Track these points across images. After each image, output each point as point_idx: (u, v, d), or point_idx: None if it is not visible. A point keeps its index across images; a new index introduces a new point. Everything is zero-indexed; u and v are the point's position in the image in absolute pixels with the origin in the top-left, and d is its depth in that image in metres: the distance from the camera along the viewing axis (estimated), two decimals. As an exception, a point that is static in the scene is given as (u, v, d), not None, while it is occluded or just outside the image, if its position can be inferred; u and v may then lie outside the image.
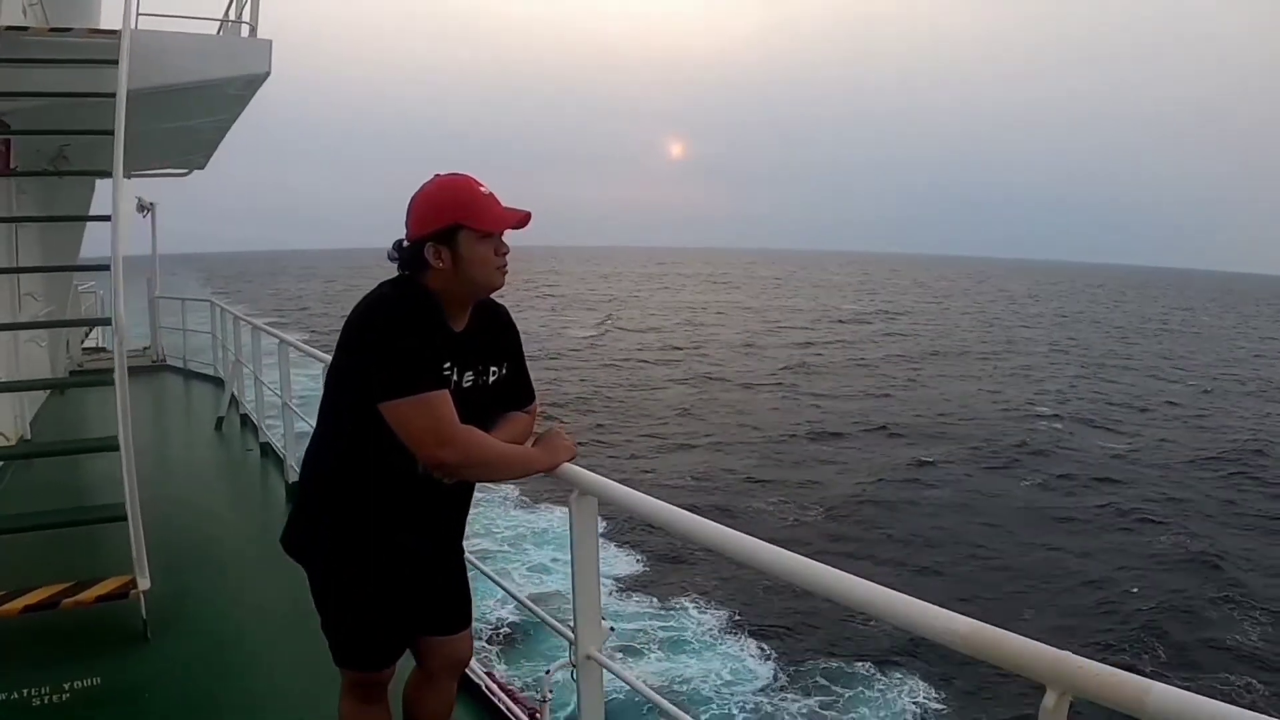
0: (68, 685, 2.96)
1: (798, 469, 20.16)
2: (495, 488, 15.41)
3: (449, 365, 1.78)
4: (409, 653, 2.04)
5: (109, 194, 3.82)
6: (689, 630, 11.68)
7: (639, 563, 13.58)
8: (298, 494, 1.95)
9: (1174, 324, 67.47)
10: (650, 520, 1.71)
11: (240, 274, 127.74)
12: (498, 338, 1.94)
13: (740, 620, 11.83)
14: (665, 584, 12.96)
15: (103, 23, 6.57)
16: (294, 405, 5.55)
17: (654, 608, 12.17)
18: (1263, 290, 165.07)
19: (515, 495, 15.82)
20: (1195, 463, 21.19)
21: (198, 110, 6.15)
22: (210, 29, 5.57)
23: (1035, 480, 19.30)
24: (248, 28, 5.36)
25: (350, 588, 1.83)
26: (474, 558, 2.43)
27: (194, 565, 4.25)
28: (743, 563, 1.43)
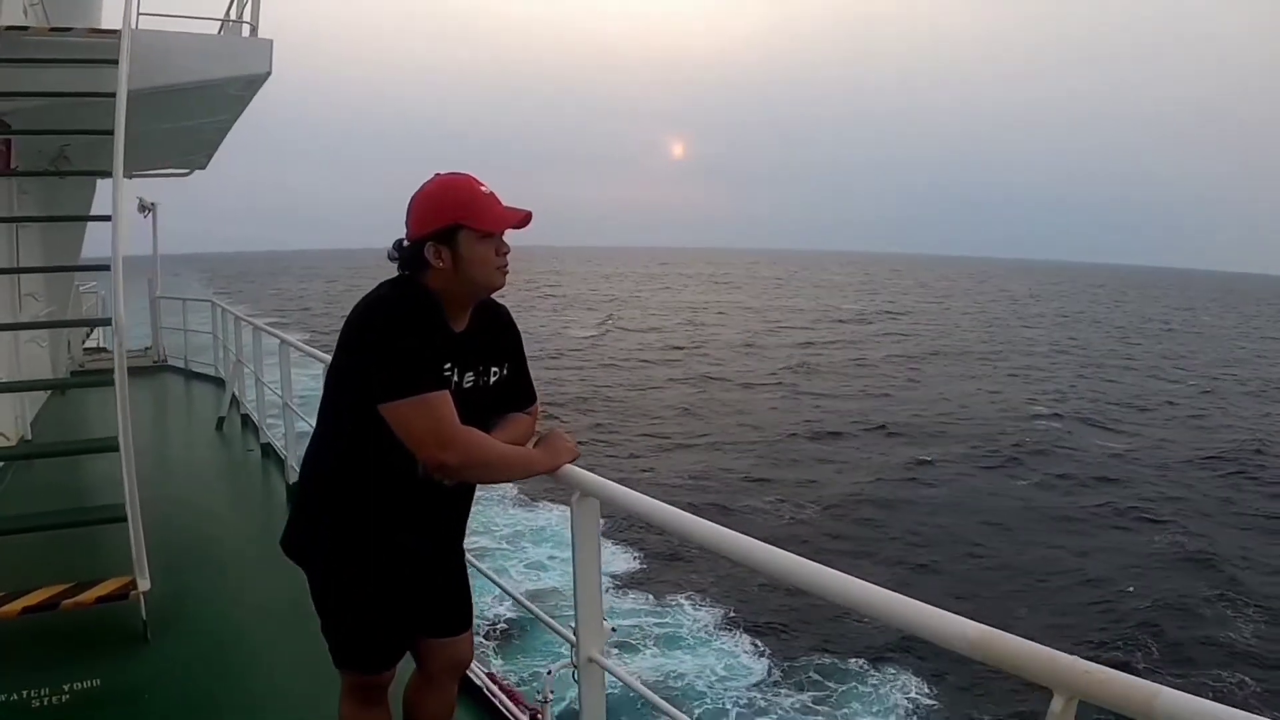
0: (67, 687, 2.95)
1: (798, 468, 20.14)
2: (494, 487, 15.45)
3: (449, 366, 1.77)
4: (409, 654, 2.03)
5: (110, 194, 3.81)
6: (685, 627, 11.70)
7: (635, 560, 13.61)
8: (297, 494, 1.94)
9: (1175, 324, 67.42)
10: (653, 523, 1.70)
11: (242, 274, 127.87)
12: (498, 338, 1.93)
13: (735, 617, 11.86)
14: (661, 581, 12.99)
15: (103, 23, 6.57)
16: (295, 405, 5.55)
17: (650, 604, 12.21)
18: (1264, 290, 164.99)
19: (514, 494, 15.85)
20: (1194, 462, 21.18)
21: (198, 110, 6.15)
22: (211, 29, 5.56)
23: (1034, 480, 19.28)
24: (248, 28, 5.35)
25: (350, 588, 1.82)
26: (474, 558, 2.42)
27: (194, 566, 4.24)
28: (751, 568, 1.41)
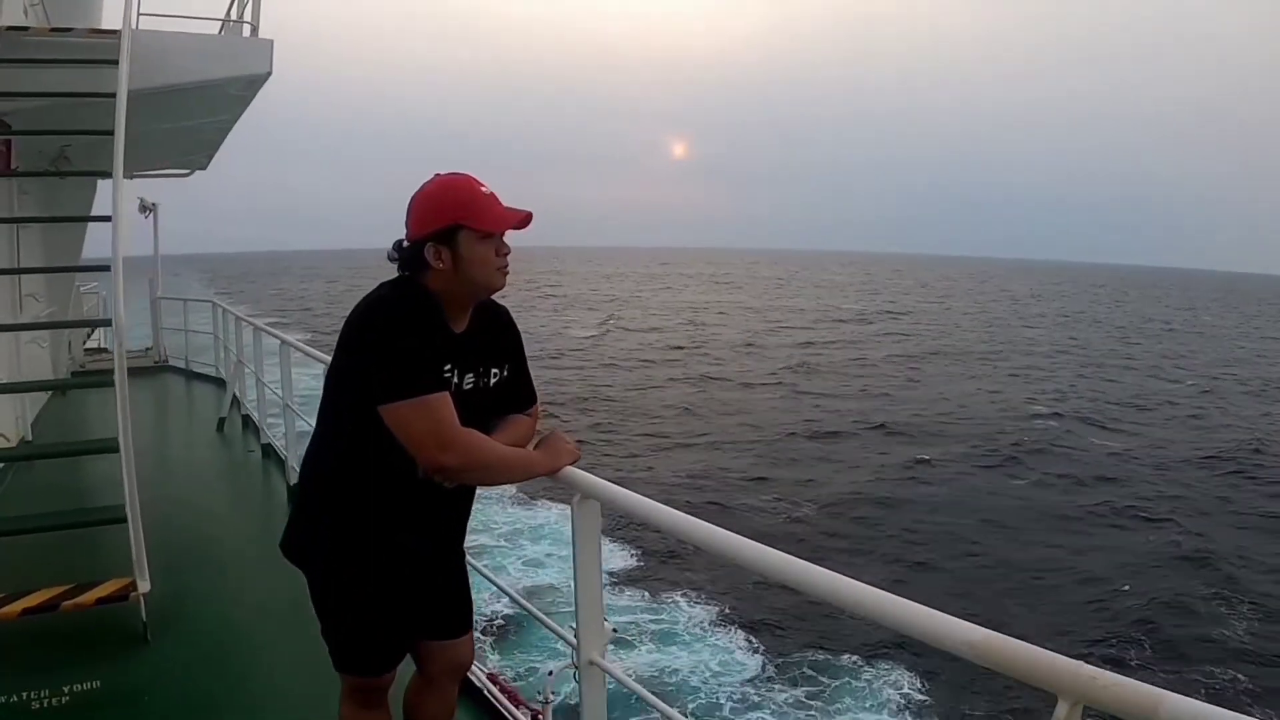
0: (67, 688, 2.94)
1: (798, 467, 20.19)
2: (494, 486, 15.55)
3: (449, 367, 1.76)
4: (409, 656, 2.02)
5: (111, 195, 3.81)
6: (680, 623, 11.76)
7: (632, 557, 13.67)
8: (297, 495, 1.93)
9: (1176, 324, 67.38)
10: (655, 526, 1.68)
11: (243, 274, 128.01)
12: (498, 339, 1.92)
13: (730, 614, 11.92)
14: (657, 579, 13.07)
15: (104, 23, 6.56)
16: (296, 406, 5.54)
17: (645, 601, 12.28)
18: (1265, 290, 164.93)
19: (512, 492, 15.92)
20: (1192, 461, 21.23)
21: (199, 110, 6.14)
22: (211, 29, 5.55)
23: (1032, 479, 19.33)
24: (249, 28, 5.34)
25: (350, 588, 1.81)
26: (474, 558, 2.41)
27: (194, 567, 4.24)
28: (756, 572, 1.41)
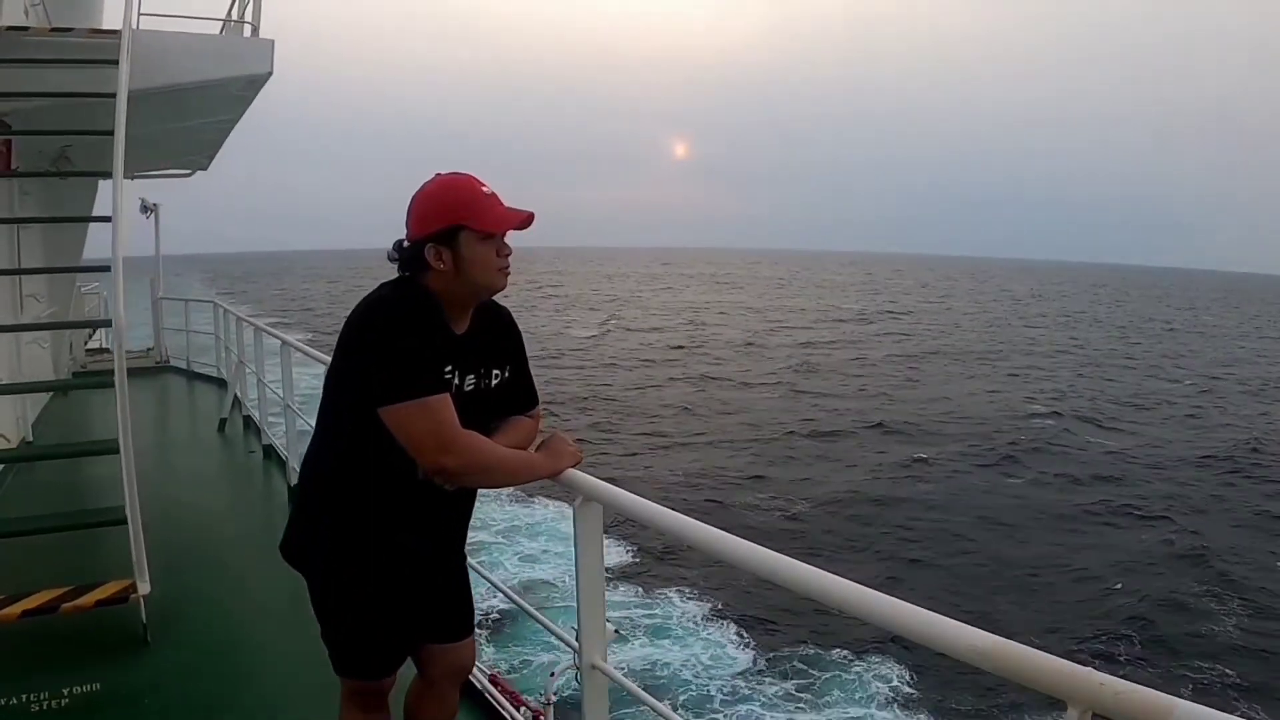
0: (67, 690, 2.93)
1: (796, 466, 20.26)
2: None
3: (450, 368, 1.75)
4: (410, 660, 2.01)
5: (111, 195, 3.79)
6: (673, 618, 11.88)
7: (627, 553, 13.77)
8: (297, 496, 1.92)
9: (1177, 324, 67.35)
10: (659, 529, 1.67)
11: (245, 275, 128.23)
12: (500, 340, 1.90)
13: (723, 610, 12.03)
14: (651, 575, 13.19)
15: (104, 23, 6.55)
16: (296, 407, 5.53)
17: (639, 597, 12.37)
18: (1266, 290, 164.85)
19: (511, 490, 16.05)
20: (1189, 461, 21.30)
21: (200, 110, 6.13)
22: (212, 29, 5.54)
23: (1029, 477, 19.42)
24: (249, 28, 5.33)
25: (350, 588, 1.80)
26: (474, 560, 2.39)
27: (195, 568, 4.22)
28: (761, 577, 1.39)
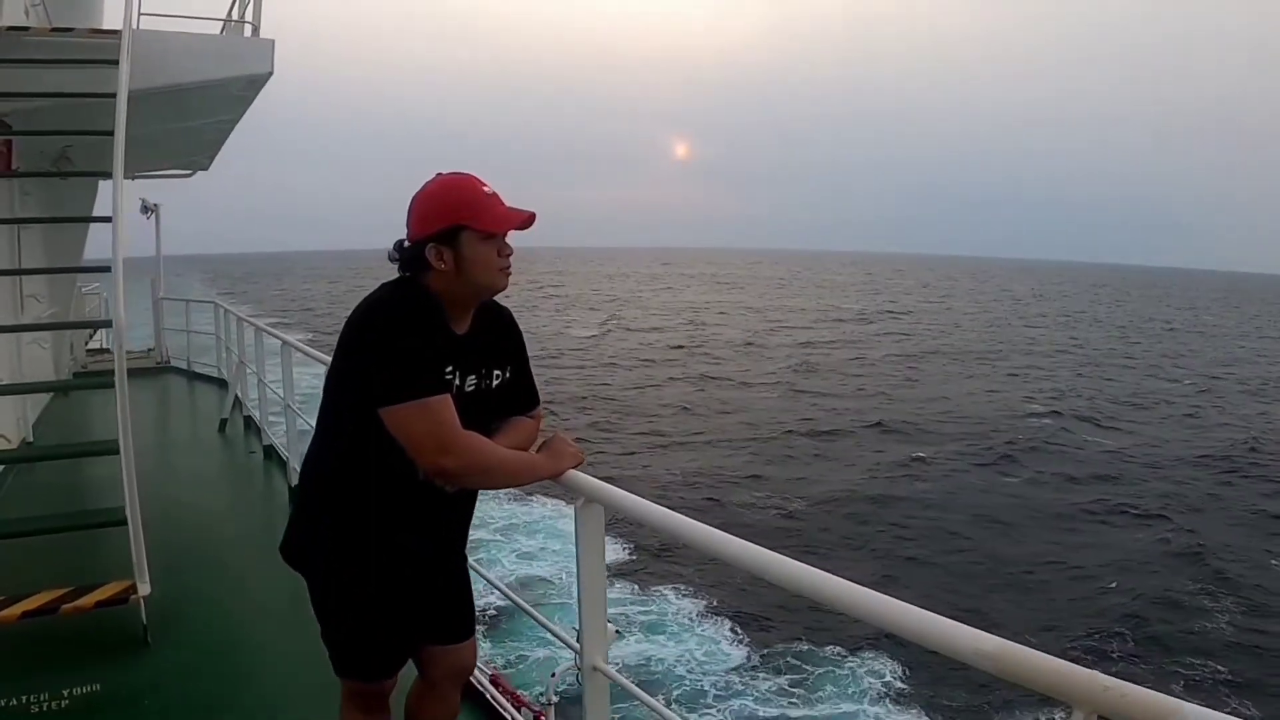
0: (67, 692, 2.93)
1: (795, 465, 20.31)
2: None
3: (451, 369, 1.74)
4: (411, 662, 2.00)
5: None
6: (668, 614, 11.95)
7: (624, 550, 13.84)
8: (298, 496, 1.91)
9: (1177, 323, 67.35)
10: (661, 530, 1.65)
11: (245, 275, 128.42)
12: (501, 340, 1.90)
13: (718, 607, 12.09)
14: (647, 572, 13.26)
15: (105, 23, 6.55)
16: (297, 407, 5.52)
17: (634, 594, 12.43)
18: (1268, 290, 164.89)
19: (510, 489, 16.14)
20: (1186, 460, 21.34)
21: (200, 111, 6.13)
22: (213, 29, 5.54)
23: (1026, 476, 19.47)
24: (250, 28, 5.33)
25: (351, 589, 1.79)
26: (475, 560, 2.39)
27: (195, 569, 4.22)
28: (766, 580, 1.38)
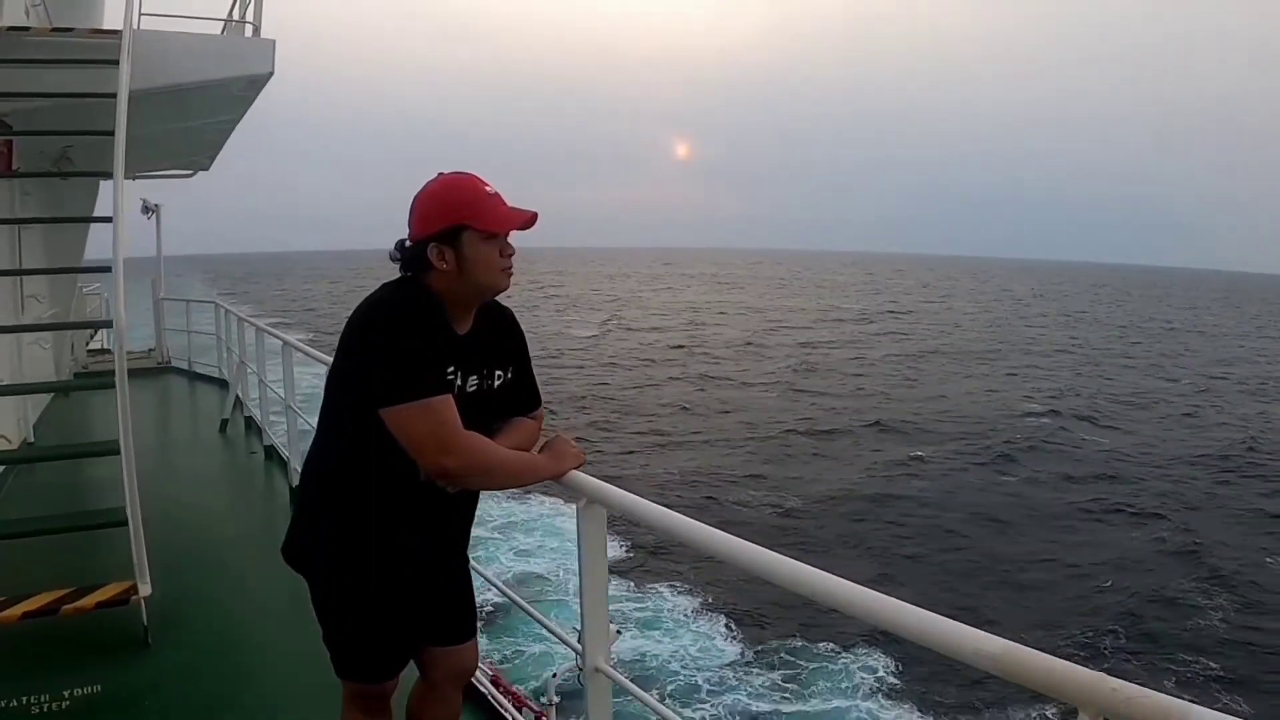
0: (68, 693, 2.92)
1: (794, 464, 20.39)
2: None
3: (452, 369, 1.73)
4: (412, 663, 1.99)
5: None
6: (664, 611, 12.05)
7: (620, 548, 13.91)
8: (299, 497, 1.91)
9: (1178, 323, 67.36)
10: (664, 532, 1.64)
11: (246, 275, 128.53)
12: (502, 340, 1.89)
13: (712, 604, 12.19)
14: (643, 569, 13.34)
15: (105, 23, 6.54)
16: (298, 407, 5.51)
17: (630, 591, 12.51)
18: (1269, 290, 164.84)
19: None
20: (1184, 459, 21.41)
21: (201, 111, 6.12)
22: (213, 29, 5.53)
23: (1024, 475, 19.55)
24: (251, 28, 5.32)
25: (351, 589, 1.79)
26: (476, 561, 2.38)
27: (196, 569, 4.21)
28: (770, 581, 1.37)
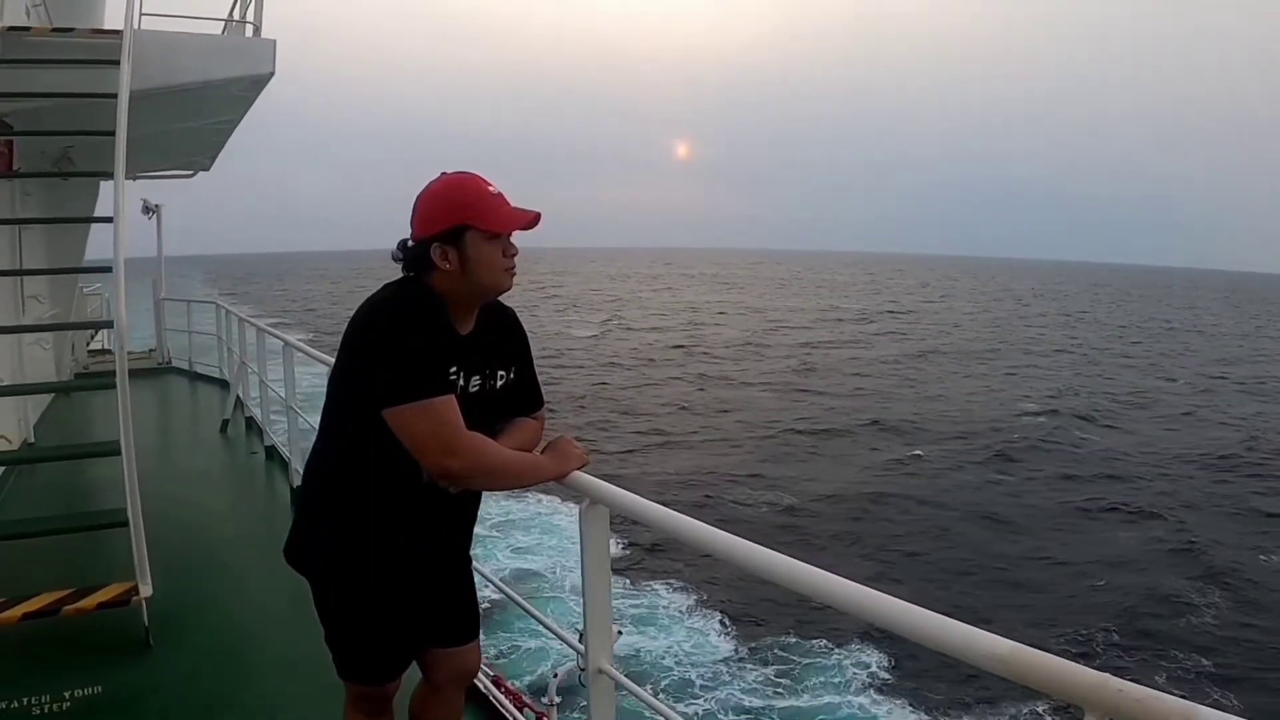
0: (68, 694, 2.92)
1: (793, 463, 20.44)
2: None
3: (455, 369, 1.73)
4: (415, 665, 1.99)
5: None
6: (658, 608, 12.10)
7: (618, 546, 13.94)
8: (300, 497, 1.91)
9: (1177, 323, 67.38)
10: (668, 533, 1.64)
11: (247, 275, 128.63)
12: (505, 341, 1.88)
13: (707, 601, 12.25)
14: (639, 568, 13.38)
15: (106, 23, 6.54)
16: (299, 408, 5.51)
17: (625, 589, 12.55)
18: (1270, 290, 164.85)
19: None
20: (1183, 458, 21.44)
21: (201, 111, 6.12)
22: (214, 29, 5.52)
23: (1022, 474, 19.61)
24: (251, 28, 5.32)
25: (351, 589, 1.79)
26: (478, 563, 2.37)
27: (197, 570, 4.21)
28: (772, 581, 1.37)
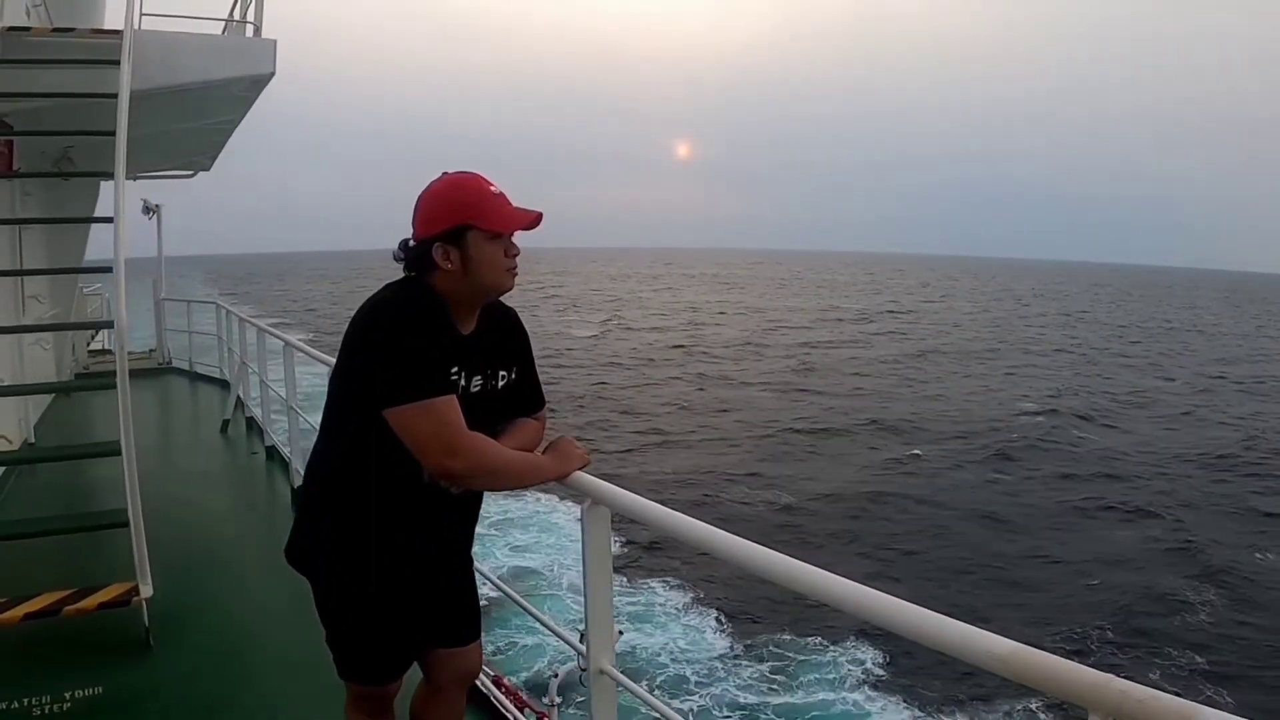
0: (69, 694, 2.92)
1: (794, 464, 20.50)
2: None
3: (456, 369, 1.73)
4: (416, 665, 1.99)
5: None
6: (655, 606, 12.18)
7: (615, 544, 13.92)
8: (301, 497, 1.91)
9: (1177, 323, 67.41)
10: (669, 533, 1.64)
11: (247, 275, 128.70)
12: (506, 341, 1.88)
13: (704, 599, 12.34)
14: (636, 566, 13.43)
15: (106, 23, 6.54)
16: (299, 408, 5.50)
17: (623, 587, 12.63)
18: (1269, 289, 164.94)
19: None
20: (1182, 457, 21.49)
21: (202, 111, 6.11)
22: (214, 29, 5.52)
23: (1021, 473, 19.67)
24: (252, 28, 5.32)
25: (351, 588, 1.79)
26: (479, 563, 2.37)
27: (197, 571, 4.21)
28: (773, 581, 1.37)
